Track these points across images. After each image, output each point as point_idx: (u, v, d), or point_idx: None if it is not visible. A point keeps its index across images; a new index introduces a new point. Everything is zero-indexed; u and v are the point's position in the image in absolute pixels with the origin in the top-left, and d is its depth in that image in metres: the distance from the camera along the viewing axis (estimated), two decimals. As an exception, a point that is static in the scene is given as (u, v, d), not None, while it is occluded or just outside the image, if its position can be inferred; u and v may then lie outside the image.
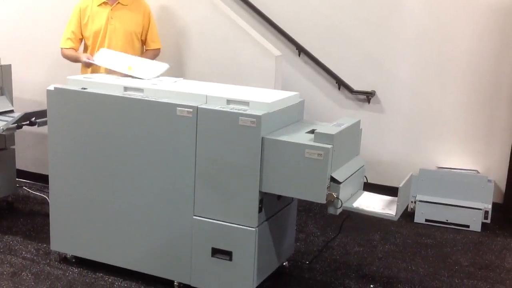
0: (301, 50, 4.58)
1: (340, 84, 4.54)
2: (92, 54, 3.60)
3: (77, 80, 3.14)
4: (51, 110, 3.11)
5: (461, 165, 4.31)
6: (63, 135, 3.10)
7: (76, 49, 3.68)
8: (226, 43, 3.85)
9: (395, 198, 2.76)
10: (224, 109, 2.73)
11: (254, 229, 2.74)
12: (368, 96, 4.49)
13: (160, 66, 3.38)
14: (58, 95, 3.07)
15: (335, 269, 3.35)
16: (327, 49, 4.53)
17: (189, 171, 2.82)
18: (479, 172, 4.25)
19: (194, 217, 2.85)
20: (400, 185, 2.67)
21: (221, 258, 2.82)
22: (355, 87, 4.50)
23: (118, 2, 3.61)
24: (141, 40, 3.73)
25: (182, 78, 3.36)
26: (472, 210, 3.98)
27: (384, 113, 4.50)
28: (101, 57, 3.45)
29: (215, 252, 2.83)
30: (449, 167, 4.31)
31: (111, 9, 3.60)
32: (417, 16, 4.28)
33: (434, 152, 4.40)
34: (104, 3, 3.61)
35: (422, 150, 4.42)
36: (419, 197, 4.08)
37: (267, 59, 3.73)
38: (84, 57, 3.52)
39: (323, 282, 3.19)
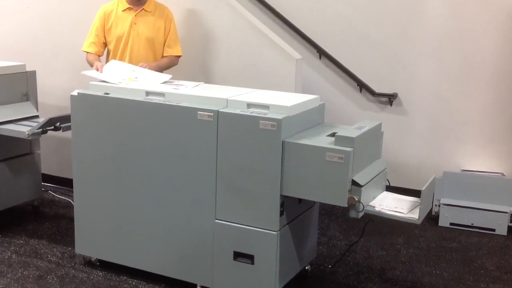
0: (321, 53, 4.57)
1: (362, 86, 4.51)
2: (114, 58, 3.64)
3: (100, 85, 3.18)
4: (74, 115, 3.16)
5: (486, 168, 4.25)
6: (87, 139, 3.14)
7: (99, 54, 3.72)
8: (246, 47, 3.86)
9: (418, 200, 2.73)
10: (244, 113, 2.74)
11: (275, 232, 2.74)
12: (390, 99, 4.46)
13: (162, 77, 3.36)
14: (81, 100, 3.11)
15: (358, 273, 3.32)
16: (348, 52, 4.51)
17: (210, 175, 2.83)
18: (504, 175, 4.18)
19: (216, 220, 2.86)
20: (423, 188, 2.64)
21: (243, 262, 2.82)
22: (377, 89, 4.47)
23: (143, 9, 3.65)
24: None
25: (203, 82, 3.38)
26: (498, 214, 3.91)
27: (406, 116, 4.46)
28: (109, 69, 3.43)
29: (237, 255, 2.83)
30: (474, 169, 4.25)
31: (135, 15, 3.64)
32: (439, 18, 4.24)
33: (458, 155, 4.34)
34: (128, 8, 3.65)
35: (445, 152, 4.37)
36: (443, 201, 4.03)
37: (287, 62, 3.73)
38: (94, 67, 3.47)
39: (346, 286, 3.17)
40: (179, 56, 3.75)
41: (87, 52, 3.69)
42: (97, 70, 3.41)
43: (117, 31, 3.64)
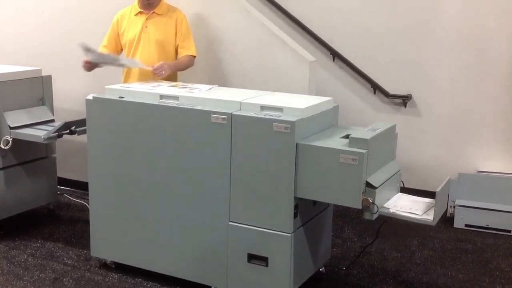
0: (335, 55, 4.57)
1: (376, 88, 4.50)
2: None
3: (114, 89, 3.21)
4: (90, 119, 3.19)
5: (501, 169, 4.21)
6: (102, 143, 3.17)
7: None
8: (259, 49, 3.87)
9: (433, 201, 2.72)
10: (258, 116, 2.75)
11: (289, 234, 2.74)
12: (404, 100, 4.44)
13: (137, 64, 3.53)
14: (96, 104, 3.15)
15: (372, 275, 3.31)
16: (362, 54, 4.50)
17: (224, 177, 2.84)
18: (520, 176, 4.14)
19: (230, 223, 2.87)
20: (438, 190, 2.63)
21: (257, 264, 2.83)
22: (391, 91, 4.46)
23: (154, 12, 3.68)
24: (176, 49, 3.78)
25: (216, 85, 3.39)
26: (514, 215, 3.88)
27: (421, 117, 4.44)
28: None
29: (251, 257, 2.84)
30: (489, 171, 4.22)
31: (146, 18, 3.67)
32: (454, 19, 4.21)
33: (473, 156, 4.31)
34: (140, 12, 3.69)
35: (460, 154, 4.34)
36: (458, 202, 4.00)
37: (301, 64, 3.74)
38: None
39: (360, 288, 3.17)
40: (194, 57, 3.76)
41: None
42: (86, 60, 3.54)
43: (129, 35, 3.69)
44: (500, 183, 3.99)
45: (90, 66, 3.58)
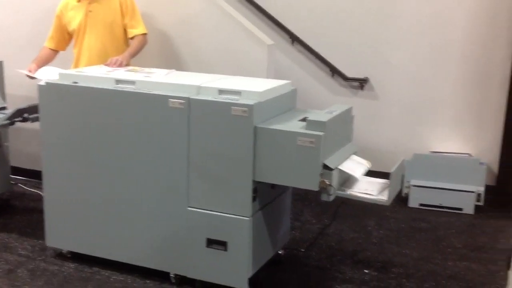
0: (294, 38, 4.58)
1: (334, 71, 4.55)
2: (76, 49, 3.72)
3: (68, 74, 3.14)
4: (43, 105, 3.11)
5: (454, 149, 4.34)
6: (56, 130, 3.10)
7: (60, 49, 3.80)
8: (218, 33, 3.84)
9: (388, 181, 2.78)
10: (216, 100, 2.73)
11: (248, 218, 2.76)
12: (361, 83, 4.50)
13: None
14: (49, 90, 3.06)
15: (330, 255, 3.38)
16: (320, 37, 4.53)
17: (182, 162, 2.83)
18: (471, 156, 4.28)
19: (188, 208, 2.86)
20: (392, 170, 2.69)
21: (216, 249, 2.83)
22: (349, 74, 4.51)
23: None
24: (124, 29, 3.72)
25: (174, 70, 3.35)
26: (465, 193, 4.01)
27: (378, 100, 4.51)
28: (43, 72, 3.61)
29: (210, 242, 2.84)
30: (443, 151, 4.34)
31: (89, 3, 3.62)
32: (411, 2, 4.28)
33: (428, 137, 4.42)
34: None
35: (416, 135, 4.44)
36: (413, 182, 4.11)
37: (259, 48, 3.73)
38: (28, 67, 3.64)
39: (319, 269, 3.22)
40: (145, 34, 3.71)
41: (43, 47, 3.76)
42: (29, 71, 3.58)
43: (74, 22, 3.66)
44: (453, 163, 4.11)
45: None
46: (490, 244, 3.56)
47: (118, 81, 2.99)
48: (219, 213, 2.80)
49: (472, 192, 4.00)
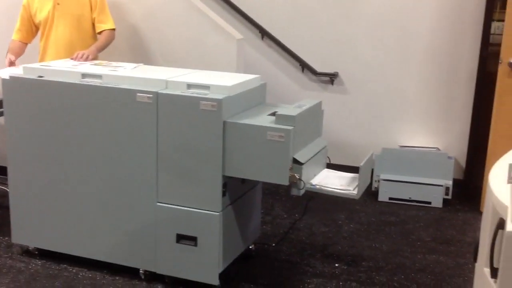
0: (264, 33, 4.57)
1: (304, 66, 4.55)
2: (42, 42, 3.63)
3: (33, 68, 3.06)
4: (7, 99, 3.03)
5: (423, 144, 4.40)
6: (21, 125, 3.03)
7: (26, 41, 3.69)
8: (186, 27, 3.81)
9: (357, 175, 2.79)
10: (184, 94, 2.71)
11: (218, 213, 2.74)
12: (331, 78, 4.52)
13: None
14: (13, 84, 2.99)
15: (301, 250, 3.38)
16: (290, 32, 4.53)
17: (151, 157, 2.79)
18: (440, 150, 4.33)
19: (157, 203, 2.83)
20: (361, 164, 2.70)
21: (186, 244, 2.81)
22: (319, 69, 4.52)
23: None
24: (93, 23, 3.67)
25: (142, 64, 3.31)
26: (434, 187, 4.06)
27: (347, 94, 4.54)
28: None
29: (180, 238, 2.82)
30: (411, 145, 4.39)
31: None
32: (377, -3, 4.32)
33: (397, 132, 4.47)
34: None
35: (385, 130, 4.48)
36: (382, 176, 4.15)
37: (228, 42, 3.71)
38: (7, 59, 3.53)
39: (289, 263, 3.22)
40: (114, 29, 3.66)
41: (12, 41, 3.65)
42: (10, 61, 3.46)
43: (42, 14, 3.59)
44: (422, 157, 4.16)
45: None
46: (458, 237, 3.62)
47: (85, 75, 2.94)
48: (188, 208, 2.78)
49: (441, 186, 4.06)
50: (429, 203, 4.08)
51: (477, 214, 3.88)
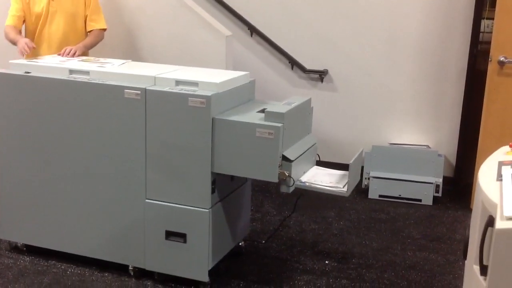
0: (253, 30, 4.55)
1: (293, 63, 4.54)
2: (32, 37, 3.54)
3: (20, 64, 3.04)
4: (-7, 96, 3.00)
5: (413, 141, 4.40)
6: (8, 121, 3.00)
7: (19, 28, 3.56)
8: (175, 24, 3.79)
9: (347, 173, 2.79)
10: (173, 91, 2.69)
11: (207, 210, 2.73)
12: (321, 75, 4.51)
13: None
14: (0, 81, 2.96)
15: (290, 247, 3.38)
16: (280, 29, 4.52)
17: (139, 154, 2.77)
18: (430, 147, 4.34)
19: (146, 200, 2.81)
20: (351, 162, 2.70)
21: (175, 241, 2.80)
22: (308, 66, 4.52)
23: None
24: (85, 21, 3.64)
25: (130, 60, 3.29)
26: (424, 185, 4.07)
27: (337, 92, 4.53)
28: None
29: (169, 234, 2.80)
30: (401, 143, 4.39)
31: None
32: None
33: (387, 129, 4.47)
34: None
35: (375, 127, 4.48)
36: (372, 174, 4.15)
37: (217, 39, 3.70)
38: (22, 42, 3.32)
39: (279, 260, 3.21)
40: (104, 30, 3.64)
41: (8, 26, 3.50)
42: (26, 45, 3.27)
43: (35, 8, 3.53)
44: (412, 154, 4.17)
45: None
46: (448, 234, 3.63)
47: (72, 71, 2.91)
48: (177, 205, 2.76)
49: (431, 183, 4.06)
50: (419, 200, 4.08)
51: (467, 211, 3.89)
